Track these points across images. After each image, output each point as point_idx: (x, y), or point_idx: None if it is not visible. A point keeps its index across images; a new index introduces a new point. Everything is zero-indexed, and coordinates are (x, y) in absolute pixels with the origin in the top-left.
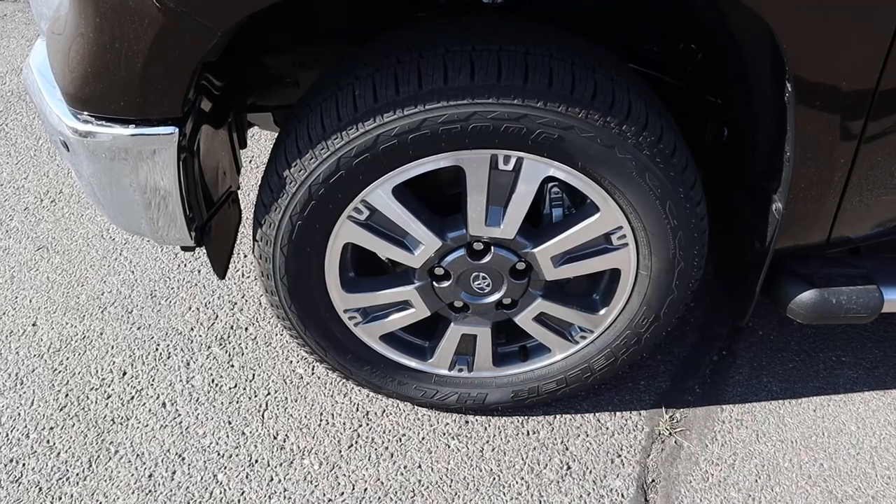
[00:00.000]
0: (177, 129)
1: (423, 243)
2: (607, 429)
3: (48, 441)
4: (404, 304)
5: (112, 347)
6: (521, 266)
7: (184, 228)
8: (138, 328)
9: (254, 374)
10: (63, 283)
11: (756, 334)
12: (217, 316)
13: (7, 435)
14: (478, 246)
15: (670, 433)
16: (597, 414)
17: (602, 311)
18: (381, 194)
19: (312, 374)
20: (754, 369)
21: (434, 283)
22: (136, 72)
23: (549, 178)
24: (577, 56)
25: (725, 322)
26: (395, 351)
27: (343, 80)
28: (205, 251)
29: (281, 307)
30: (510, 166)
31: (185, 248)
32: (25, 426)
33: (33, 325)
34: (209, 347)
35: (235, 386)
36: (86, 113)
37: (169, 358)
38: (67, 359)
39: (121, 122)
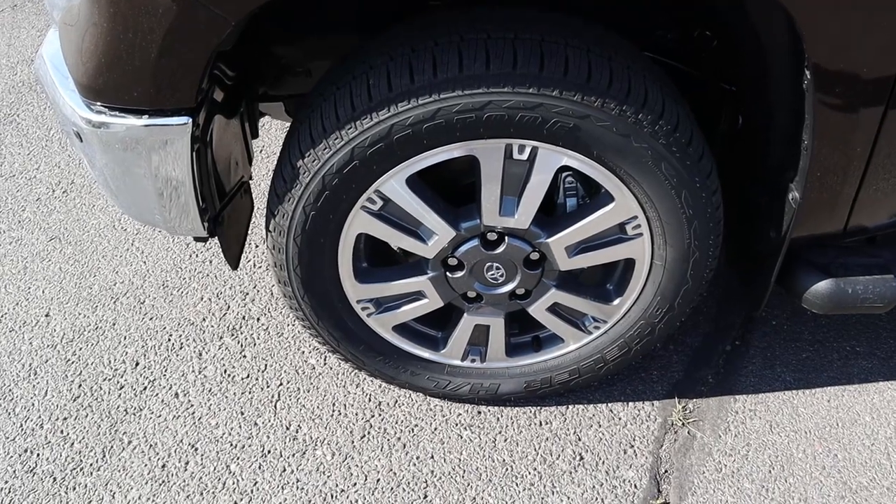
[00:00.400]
0: (190, 120)
1: (437, 233)
2: (620, 419)
3: (62, 431)
4: (417, 295)
5: (125, 338)
6: (535, 256)
7: (197, 219)
8: (150, 319)
9: (266, 365)
10: (75, 273)
11: (769, 324)
12: (229, 306)
13: (21, 425)
14: (492, 236)
15: (683, 423)
16: (609, 404)
17: (616, 302)
18: (394, 184)
19: (325, 364)
20: (768, 359)
21: (447, 273)
22: (150, 62)
23: (564, 168)
24: (593, 44)
25: (739, 312)
26: (408, 341)
27: (357, 70)
28: (217, 242)
29: (294, 298)
30: (525, 156)
31: (197, 239)
32: (39, 416)
33: (46, 315)
34: (221, 338)
35: (248, 376)
36: (99, 104)
37: (181, 348)
38: (80, 349)
39: (134, 112)
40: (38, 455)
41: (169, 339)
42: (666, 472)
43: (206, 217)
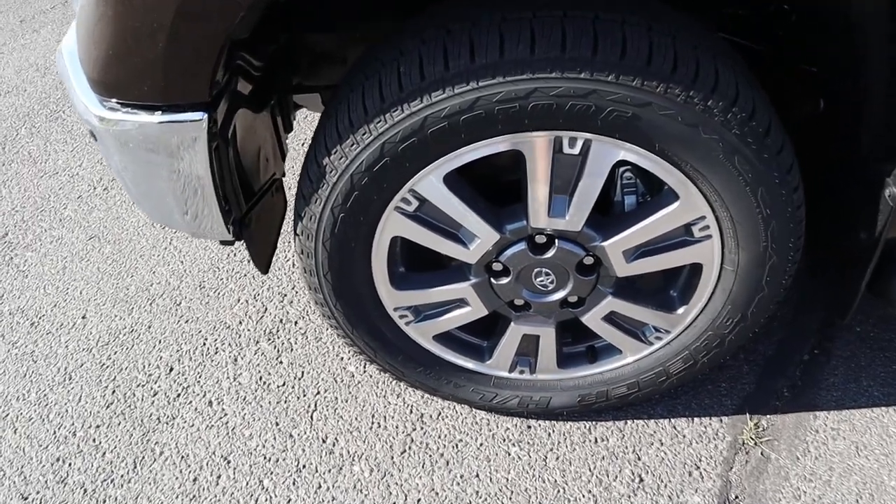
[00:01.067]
0: (206, 115)
1: (479, 237)
2: (684, 437)
3: (94, 440)
4: (459, 303)
5: (160, 342)
6: (588, 261)
7: (220, 222)
8: (186, 321)
9: (303, 372)
10: (113, 273)
11: (853, 331)
12: (266, 309)
13: (55, 433)
14: (540, 239)
15: (756, 443)
16: (673, 420)
17: (680, 310)
18: (431, 183)
19: (364, 372)
20: (852, 370)
21: (492, 279)
22: (158, 53)
23: (622, 162)
24: (655, 21)
25: (818, 316)
26: (451, 351)
27: (387, 56)
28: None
29: (326, 305)
30: (576, 149)
31: (223, 242)
32: (73, 423)
33: (83, 317)
34: (257, 342)
35: (284, 384)
36: (112, 99)
37: (216, 353)
38: (115, 353)
39: (147, 108)
40: (69, 465)
41: (204, 344)
42: (736, 497)
43: (230, 219)
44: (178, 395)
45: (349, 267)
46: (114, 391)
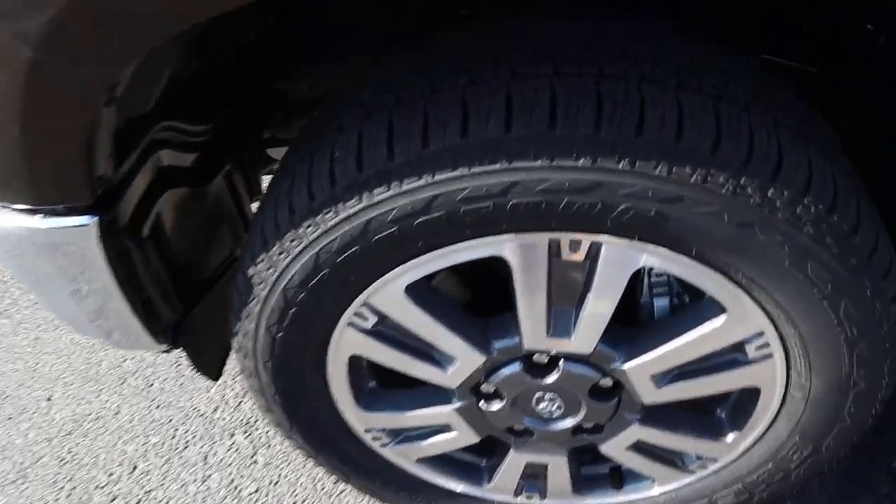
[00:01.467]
0: (96, 219)
1: (458, 358)
2: None
3: None
4: (444, 427)
5: (126, 432)
6: (606, 383)
7: (143, 335)
8: (157, 407)
9: (279, 476)
10: (87, 345)
11: None
12: (246, 392)
13: None
14: (540, 358)
15: None
16: None
17: (730, 438)
18: (388, 296)
19: None
20: None
21: (482, 402)
22: (13, 149)
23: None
24: (687, 71)
25: None
26: (440, 474)
27: (325, 133)
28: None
29: (282, 427)
30: (580, 254)
31: (163, 351)
32: None
33: (48, 399)
34: (232, 435)
35: (257, 490)
36: None
37: (186, 448)
38: (77, 445)
39: (29, 211)
40: None
41: (174, 436)
42: None
43: (159, 328)
44: (139, 502)
45: (301, 389)
46: (69, 494)
